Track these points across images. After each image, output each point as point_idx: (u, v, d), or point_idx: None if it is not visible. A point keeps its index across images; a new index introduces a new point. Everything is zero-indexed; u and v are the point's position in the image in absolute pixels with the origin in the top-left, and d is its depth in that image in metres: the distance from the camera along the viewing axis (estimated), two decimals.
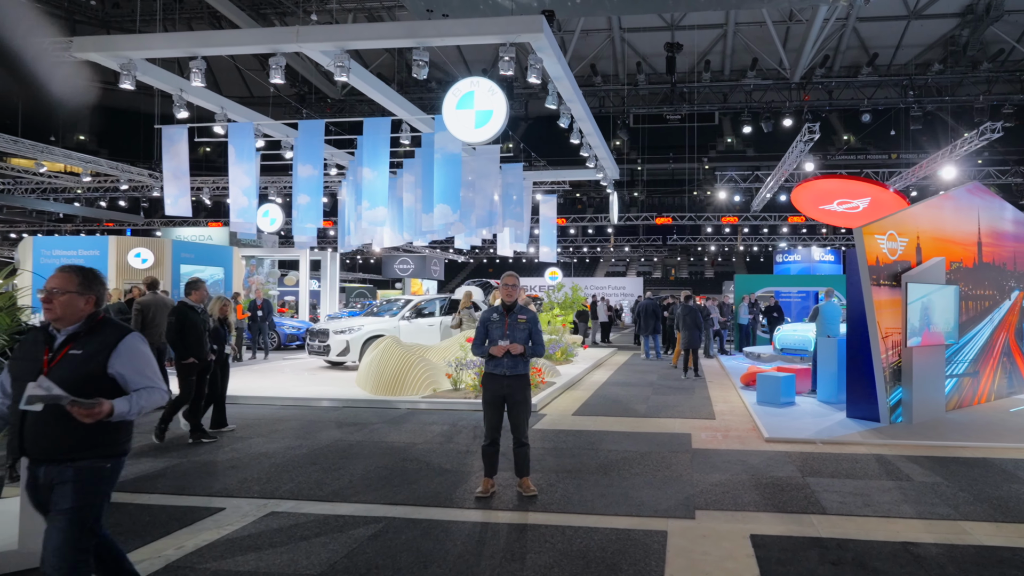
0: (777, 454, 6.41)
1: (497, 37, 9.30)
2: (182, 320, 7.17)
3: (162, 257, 17.88)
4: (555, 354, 13.49)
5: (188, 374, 7.23)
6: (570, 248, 40.69)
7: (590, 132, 13.33)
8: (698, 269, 51.16)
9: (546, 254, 17.02)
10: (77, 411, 2.74)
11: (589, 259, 49.42)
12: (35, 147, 23.23)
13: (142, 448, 6.95)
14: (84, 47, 11.20)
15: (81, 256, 17.75)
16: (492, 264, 48.34)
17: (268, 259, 25.52)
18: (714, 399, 9.78)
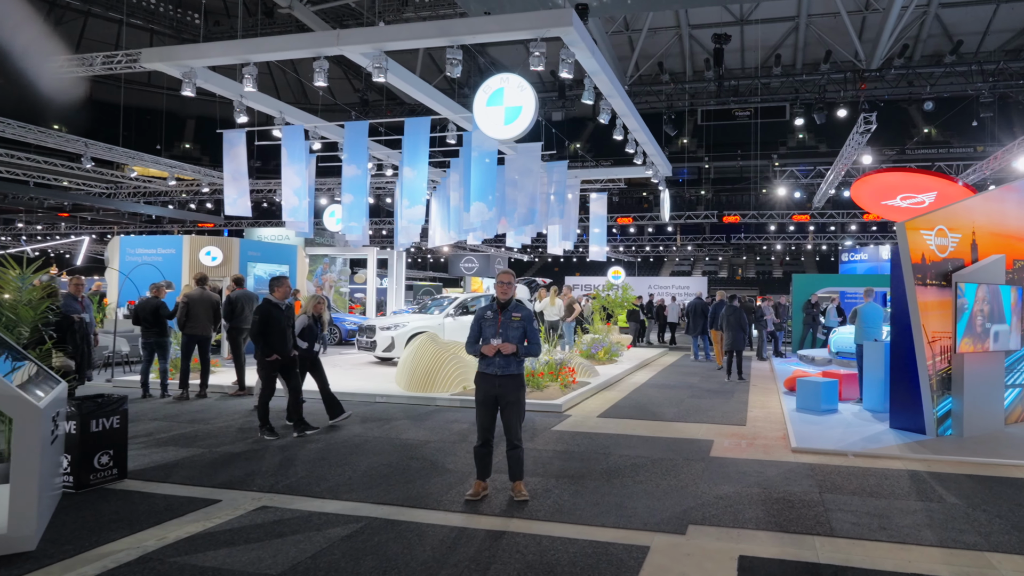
0: (799, 466, 5.85)
1: (527, 32, 9.01)
2: (266, 317, 7.11)
3: (230, 255, 18.54)
4: (598, 353, 13.09)
5: (270, 370, 7.16)
6: (632, 247, 39.80)
7: (636, 128, 12.82)
8: (765, 268, 48.96)
9: (597, 253, 16.57)
10: None
11: (653, 258, 48.20)
12: (127, 153, 24.64)
13: (172, 437, 7.09)
14: (150, 58, 11.69)
15: (159, 254, 18.65)
16: (557, 262, 47.90)
17: (340, 258, 26.06)
18: (751, 404, 9.16)
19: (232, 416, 8.30)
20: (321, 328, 7.87)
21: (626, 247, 39.12)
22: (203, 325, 9.64)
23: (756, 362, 14.91)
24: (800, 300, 16.08)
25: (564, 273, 43.74)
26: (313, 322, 7.72)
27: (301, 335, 7.55)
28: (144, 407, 8.92)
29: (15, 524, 4.19)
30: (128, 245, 19.54)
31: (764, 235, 34.51)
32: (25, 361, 5.19)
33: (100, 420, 5.57)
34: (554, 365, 9.75)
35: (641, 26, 27.33)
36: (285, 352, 7.21)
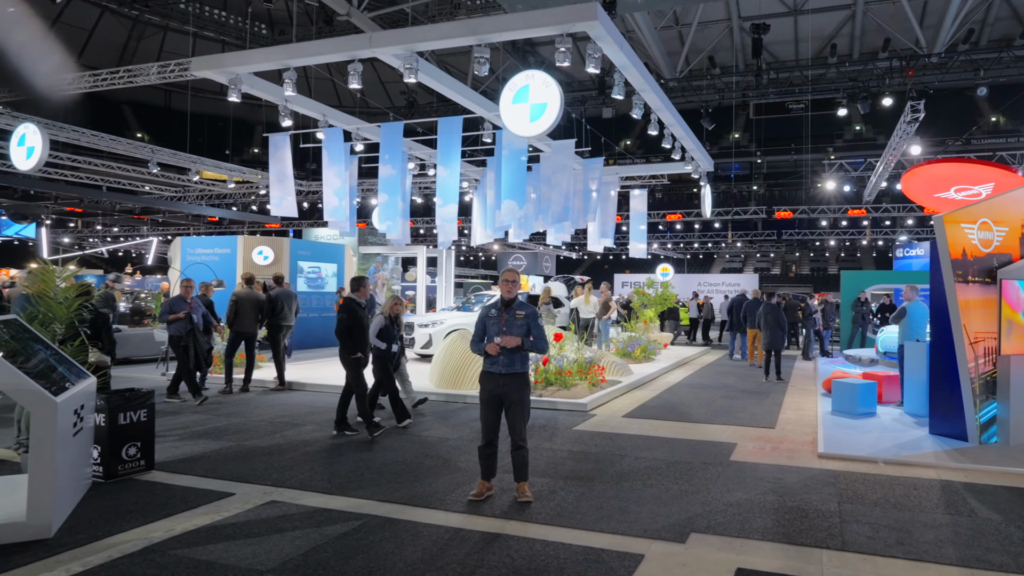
0: (822, 473, 5.51)
1: (553, 28, 8.84)
2: (352, 316, 6.94)
3: (281, 254, 19.01)
4: (634, 352, 12.79)
5: (357, 368, 7.01)
6: (680, 244, 38.90)
7: (672, 123, 12.45)
8: (820, 265, 46.98)
9: (637, 250, 16.21)
10: None
11: (703, 255, 46.99)
12: (189, 158, 25.58)
13: (206, 430, 7.26)
14: (199, 66, 12.05)
15: (216, 254, 19.28)
16: (606, 260, 47.32)
17: (392, 256, 26.37)
18: (785, 406, 8.74)
19: (267, 411, 8.44)
20: (398, 329, 7.57)
21: (674, 244, 38.25)
22: (249, 323, 9.93)
23: (800, 362, 14.31)
24: (849, 298, 15.32)
25: (614, 271, 43.16)
26: (390, 323, 7.44)
27: (379, 336, 7.32)
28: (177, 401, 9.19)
29: (33, 513, 4.32)
30: (188, 245, 20.28)
31: (816, 231, 33.14)
32: (53, 355, 5.37)
33: (127, 413, 5.72)
34: (583, 363, 9.55)
35: (691, 20, 26.64)
36: (367, 352, 7.09)
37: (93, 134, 22.96)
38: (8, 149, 17.07)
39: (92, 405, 5.48)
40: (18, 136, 16.39)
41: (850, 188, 24.69)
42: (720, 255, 48.15)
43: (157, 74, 14.29)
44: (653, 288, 16.47)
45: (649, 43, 28.17)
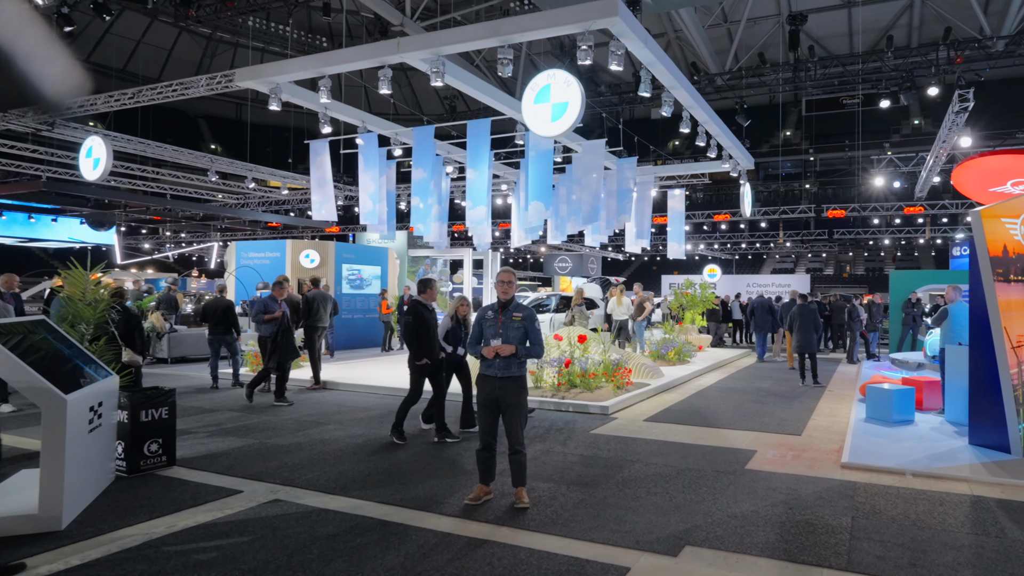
0: (842, 484, 5.13)
1: (575, 26, 8.62)
2: (418, 319, 6.66)
3: (327, 257, 19.36)
4: (668, 354, 12.41)
5: (420, 374, 6.74)
6: (728, 245, 37.80)
7: (706, 120, 12.00)
8: (876, 265, 44.70)
9: (675, 251, 15.71)
10: None
11: (752, 256, 45.45)
12: (244, 166, 26.41)
13: (235, 428, 7.38)
14: (243, 77, 12.37)
15: (267, 257, 19.81)
16: (654, 261, 46.44)
17: (440, 259, 26.55)
18: (817, 411, 8.26)
19: (297, 409, 8.51)
20: (466, 331, 7.14)
21: (721, 244, 37.19)
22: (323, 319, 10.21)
23: (845, 365, 13.59)
24: (899, 298, 14.46)
25: (662, 272, 42.33)
26: (457, 324, 7.04)
27: (445, 338, 6.93)
28: (216, 397, 9.41)
29: (44, 506, 4.42)
30: (242, 249, 20.90)
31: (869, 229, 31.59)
32: (77, 354, 5.51)
33: (149, 411, 5.83)
34: (609, 365, 9.30)
35: (739, 17, 25.89)
36: (434, 355, 6.74)
37: (158, 145, 23.95)
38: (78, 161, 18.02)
39: (114, 403, 5.59)
40: (86, 148, 17.20)
41: (900, 184, 23.38)
42: (770, 256, 46.50)
43: (205, 86, 14.75)
44: (693, 289, 15.96)
45: (697, 42, 27.49)
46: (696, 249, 38.36)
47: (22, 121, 19.45)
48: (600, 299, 14.75)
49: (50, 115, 13.33)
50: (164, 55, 34.26)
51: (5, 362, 4.44)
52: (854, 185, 31.61)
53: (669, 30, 29.96)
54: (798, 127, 38.72)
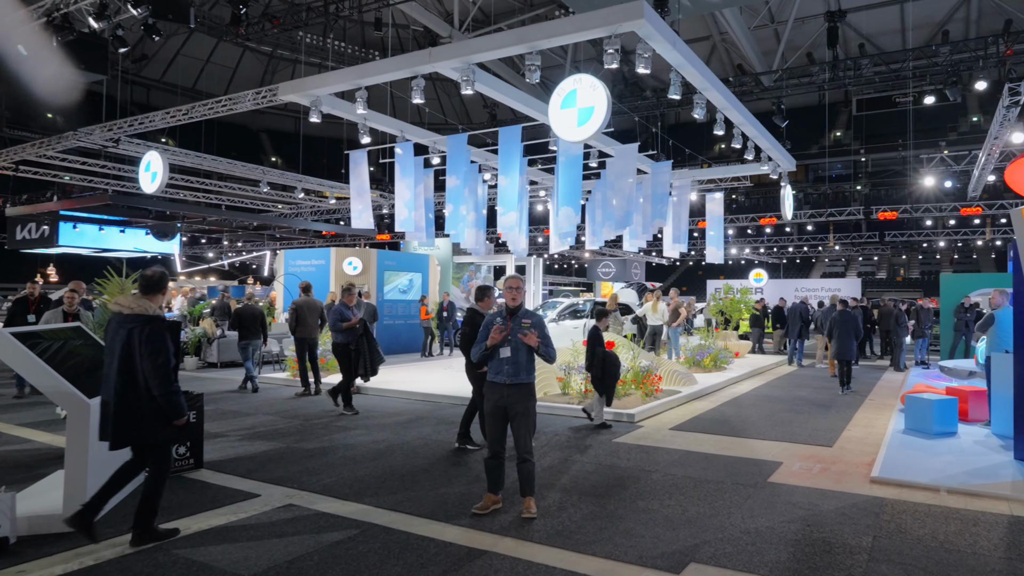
0: (868, 501, 4.80)
1: (601, 30, 8.47)
2: (475, 328, 6.16)
3: (369, 264, 19.63)
4: (703, 361, 12.04)
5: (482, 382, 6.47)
6: (774, 248, 36.62)
7: (742, 121, 11.63)
8: (932, 268, 42.44)
9: (714, 255, 15.28)
10: None
11: (800, 259, 43.88)
12: (295, 177, 27.10)
13: (267, 432, 7.47)
14: (285, 91, 12.69)
15: (313, 265, 20.24)
16: (699, 266, 45.46)
17: (484, 265, 26.63)
18: (854, 421, 7.82)
19: (330, 414, 8.57)
20: None
21: (767, 248, 36.08)
22: (311, 329, 10.21)
23: (891, 373, 12.91)
24: (950, 303, 13.65)
25: (707, 277, 41.42)
26: None
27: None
28: (255, 401, 9.57)
29: (68, 506, 4.52)
30: (290, 258, 21.42)
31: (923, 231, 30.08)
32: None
33: None
34: (638, 372, 9.06)
35: (786, 17, 25.16)
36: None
37: (213, 159, 24.82)
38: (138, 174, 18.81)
39: None
40: (144, 163, 17.95)
41: (952, 184, 22.15)
42: (820, 260, 44.82)
43: (252, 100, 15.18)
44: (732, 294, 15.47)
45: (743, 43, 26.82)
46: (742, 253, 37.32)
47: (90, 139, 20.43)
48: (636, 305, 14.45)
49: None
50: (229, 73, 35.75)
51: (31, 366, 4.58)
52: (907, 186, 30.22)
53: (714, 33, 29.36)
54: (848, 127, 37.31)
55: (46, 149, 21.27)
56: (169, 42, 34.38)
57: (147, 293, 4.37)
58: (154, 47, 34.99)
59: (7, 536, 4.19)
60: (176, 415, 4.15)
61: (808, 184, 38.27)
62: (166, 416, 4.13)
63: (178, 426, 4.22)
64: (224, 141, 35.06)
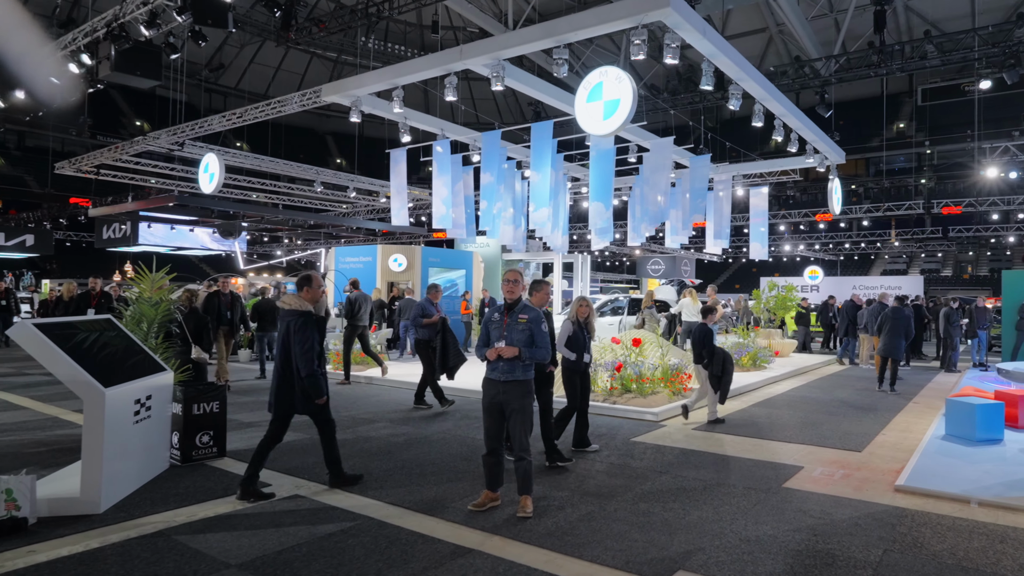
0: (887, 511, 4.43)
1: (627, 21, 8.20)
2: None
3: (413, 261, 19.83)
4: (741, 359, 11.55)
5: (549, 384, 5.97)
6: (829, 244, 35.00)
7: (783, 113, 11.07)
8: (1002, 265, 39.48)
9: (757, 251, 14.69)
10: None
11: (858, 256, 41.74)
12: (347, 177, 27.68)
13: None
14: (328, 92, 12.95)
15: (360, 261, 20.62)
16: (754, 263, 43.90)
17: (533, 262, 26.54)
18: (892, 425, 7.30)
19: (356, 406, 8.66)
20: (589, 336, 6.32)
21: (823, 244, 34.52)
22: (362, 318, 10.64)
23: (943, 375, 12.06)
24: (1012, 301, 12.62)
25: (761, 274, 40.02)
26: (579, 329, 6.21)
27: (567, 344, 6.15)
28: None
29: (85, 490, 4.67)
30: (340, 255, 21.88)
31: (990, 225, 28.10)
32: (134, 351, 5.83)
33: (201, 404, 6.06)
34: (667, 370, 8.75)
35: (846, 6, 24.00)
36: (553, 363, 5.99)
37: (271, 160, 25.63)
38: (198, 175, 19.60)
39: (167, 397, 5.87)
40: (203, 165, 18.67)
41: (1019, 175, 20.59)
42: (880, 256, 42.53)
43: (297, 102, 15.52)
44: (775, 291, 14.83)
45: (800, 34, 25.75)
46: (796, 250, 35.85)
47: (157, 142, 21.38)
48: (675, 302, 14.02)
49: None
50: (298, 80, 37.01)
51: (52, 356, 4.73)
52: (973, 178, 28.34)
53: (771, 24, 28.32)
54: (912, 118, 35.26)
55: (120, 153, 22.37)
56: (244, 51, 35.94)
57: (300, 290, 5.02)
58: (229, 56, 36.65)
59: (26, 517, 4.33)
60: (316, 394, 4.85)
61: (868, 178, 36.39)
62: (307, 393, 4.82)
63: (319, 403, 4.91)
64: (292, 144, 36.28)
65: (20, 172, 36.64)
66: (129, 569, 3.65)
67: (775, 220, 29.48)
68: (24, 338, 4.75)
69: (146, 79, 11.63)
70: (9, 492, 4.33)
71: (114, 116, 37.99)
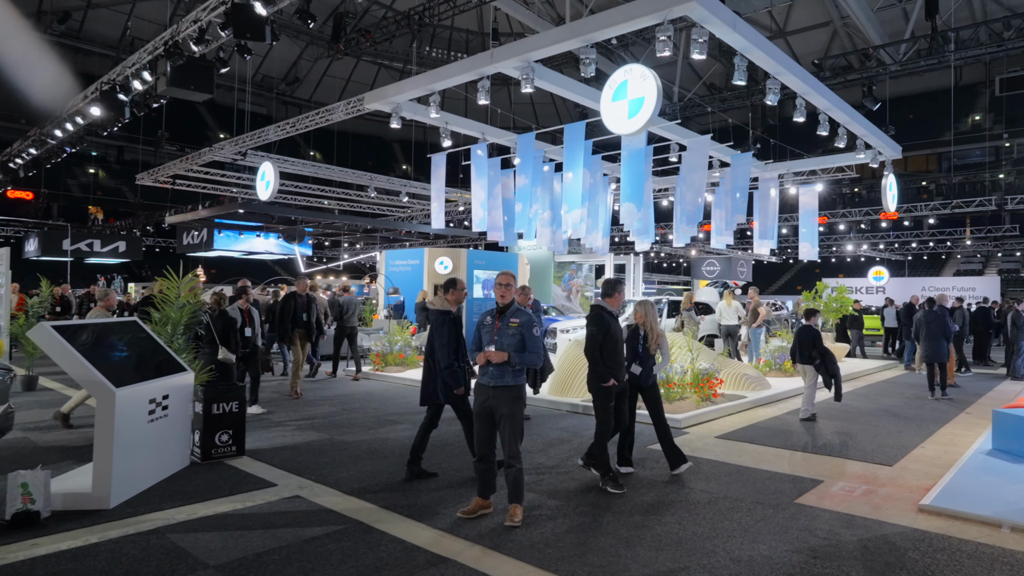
0: (904, 533, 4.00)
1: (653, 17, 7.88)
2: (604, 329, 5.08)
3: (459, 264, 19.89)
4: (785, 363, 10.94)
5: (607, 400, 5.12)
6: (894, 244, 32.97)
7: (827, 107, 10.42)
8: None
9: (807, 252, 13.92)
10: None
11: (927, 256, 39.06)
12: (399, 182, 28.11)
13: (321, 423, 7.66)
14: (370, 99, 13.18)
15: (408, 264, 20.87)
16: (816, 264, 41.88)
17: (586, 264, 26.27)
18: (934, 438, 6.68)
19: (384, 406, 8.68)
20: (644, 345, 5.45)
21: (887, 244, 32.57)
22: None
23: (1008, 383, 11.04)
24: None
25: (824, 275, 38.17)
26: (633, 335, 5.48)
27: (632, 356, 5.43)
28: (335, 391, 9.86)
29: (96, 486, 4.80)
30: (391, 258, 22.22)
31: None
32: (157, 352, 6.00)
33: (220, 404, 6.17)
34: (697, 375, 8.35)
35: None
36: (621, 375, 5.19)
37: (327, 167, 26.36)
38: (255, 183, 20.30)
39: (186, 396, 6.00)
40: (260, 173, 19.32)
41: None
42: (952, 256, 39.71)
43: (343, 110, 15.83)
44: (826, 293, 14.02)
45: (866, 27, 24.50)
46: (859, 250, 33.98)
47: (221, 153, 22.31)
48: (717, 304, 13.45)
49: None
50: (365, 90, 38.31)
51: (66, 356, 4.89)
52: None
53: (835, 17, 27.06)
54: (989, 110, 32.87)
55: (191, 164, 23.45)
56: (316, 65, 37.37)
57: (446, 293, 5.40)
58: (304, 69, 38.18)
59: (39, 510, 4.48)
60: (454, 384, 5.17)
61: (940, 174, 34.12)
62: (448, 385, 5.18)
63: (458, 394, 5.22)
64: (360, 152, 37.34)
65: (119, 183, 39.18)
66: (114, 566, 3.70)
67: (835, 219, 28.02)
68: (41, 339, 4.94)
69: (199, 92, 12.10)
70: (25, 486, 4.49)
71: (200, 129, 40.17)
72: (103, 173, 41.00)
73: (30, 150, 19.70)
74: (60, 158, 20.19)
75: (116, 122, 15.78)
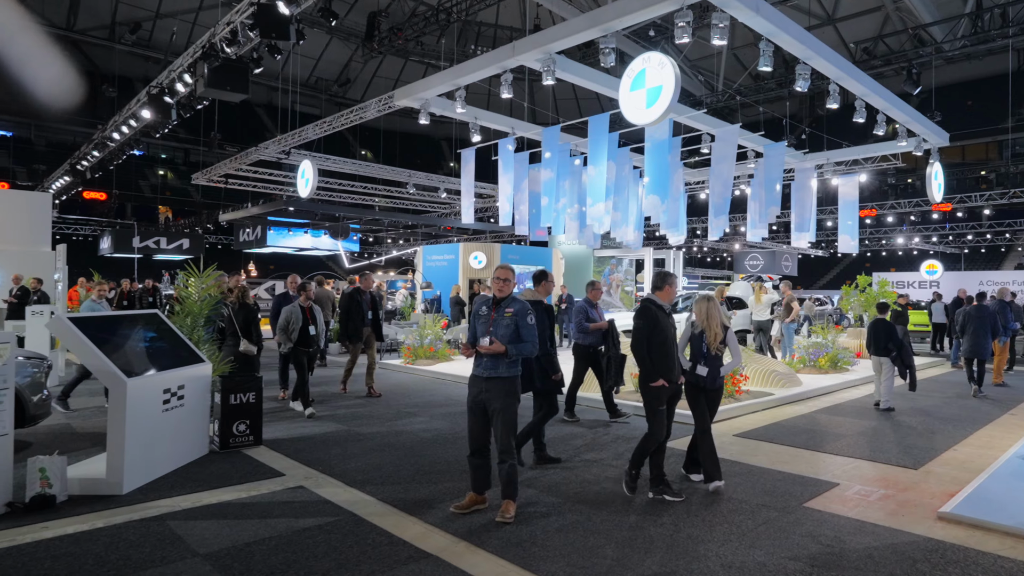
0: (915, 543, 3.69)
1: (671, 3, 7.60)
2: (652, 324, 4.63)
3: (493, 258, 19.86)
4: (818, 360, 10.46)
5: (657, 402, 4.66)
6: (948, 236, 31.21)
7: (864, 92, 9.86)
8: None
9: (847, 244, 13.28)
10: None
11: (985, 249, 36.79)
12: (438, 179, 28.26)
13: (344, 415, 7.71)
14: (399, 96, 13.25)
15: (444, 259, 20.97)
16: (866, 258, 40.11)
17: (625, 259, 25.93)
18: (969, 440, 6.21)
19: (405, 399, 8.70)
20: (707, 345, 4.83)
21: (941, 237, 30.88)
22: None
23: None
24: None
25: (875, 269, 36.48)
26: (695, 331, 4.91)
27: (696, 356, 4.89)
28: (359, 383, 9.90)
29: (110, 472, 4.92)
30: (428, 253, 22.38)
31: None
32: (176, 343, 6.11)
33: (238, 395, 6.26)
34: None
35: None
36: (673, 376, 4.67)
37: (366, 165, 26.70)
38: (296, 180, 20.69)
39: (204, 387, 6.10)
40: (300, 171, 19.69)
41: None
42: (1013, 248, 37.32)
43: (375, 108, 15.94)
44: (868, 288, 13.32)
45: (920, 11, 23.23)
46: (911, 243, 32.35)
47: (266, 152, 22.84)
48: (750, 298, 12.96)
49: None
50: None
51: (81, 347, 5.01)
52: None
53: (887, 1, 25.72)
54: None
55: (239, 163, 24.09)
56: (368, 66, 37.93)
57: (537, 284, 5.72)
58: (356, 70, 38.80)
59: (55, 495, 4.60)
60: (552, 370, 5.46)
61: (1001, 163, 32.12)
62: (545, 371, 5.40)
63: (555, 379, 5.49)
64: (409, 151, 37.78)
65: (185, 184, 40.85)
66: (110, 551, 3.75)
67: (884, 211, 26.74)
68: (58, 330, 5.08)
69: (236, 93, 12.34)
70: (43, 471, 4.63)
71: (259, 131, 41.41)
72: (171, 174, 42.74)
73: (94, 152, 20.59)
74: (121, 159, 21.04)
75: (166, 124, 16.31)
